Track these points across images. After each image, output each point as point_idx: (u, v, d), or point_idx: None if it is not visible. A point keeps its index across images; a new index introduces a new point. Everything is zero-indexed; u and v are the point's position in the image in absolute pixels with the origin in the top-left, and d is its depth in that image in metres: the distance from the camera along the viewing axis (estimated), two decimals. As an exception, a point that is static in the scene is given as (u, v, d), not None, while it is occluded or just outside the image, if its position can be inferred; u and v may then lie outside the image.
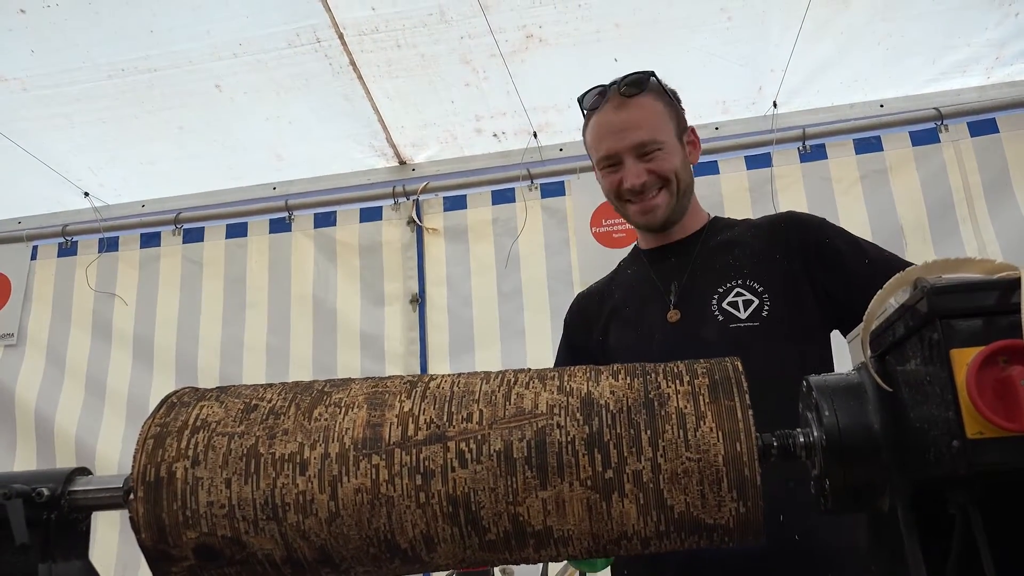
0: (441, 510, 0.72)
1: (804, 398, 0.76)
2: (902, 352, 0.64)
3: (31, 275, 3.44)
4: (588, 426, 0.72)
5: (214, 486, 0.74)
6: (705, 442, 0.70)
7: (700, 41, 2.75)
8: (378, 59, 2.82)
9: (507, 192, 3.19)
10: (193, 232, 3.40)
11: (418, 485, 0.72)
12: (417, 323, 3.12)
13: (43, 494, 0.83)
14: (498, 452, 0.72)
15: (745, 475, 0.69)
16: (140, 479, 0.76)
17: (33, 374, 3.29)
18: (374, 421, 0.75)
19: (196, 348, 3.25)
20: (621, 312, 1.58)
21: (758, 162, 2.98)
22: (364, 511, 0.72)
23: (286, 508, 0.73)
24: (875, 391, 0.69)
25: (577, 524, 0.71)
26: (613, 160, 1.51)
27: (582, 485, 0.71)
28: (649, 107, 1.50)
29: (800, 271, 1.43)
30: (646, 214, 1.52)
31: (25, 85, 2.85)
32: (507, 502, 0.71)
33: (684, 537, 0.72)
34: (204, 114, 3.03)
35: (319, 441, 0.75)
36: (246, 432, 0.76)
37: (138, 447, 0.78)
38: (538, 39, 2.75)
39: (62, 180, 3.33)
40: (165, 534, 0.74)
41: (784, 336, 1.38)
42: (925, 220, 2.80)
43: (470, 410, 0.75)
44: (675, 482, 0.70)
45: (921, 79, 2.94)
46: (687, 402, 0.73)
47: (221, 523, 0.73)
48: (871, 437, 0.68)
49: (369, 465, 0.73)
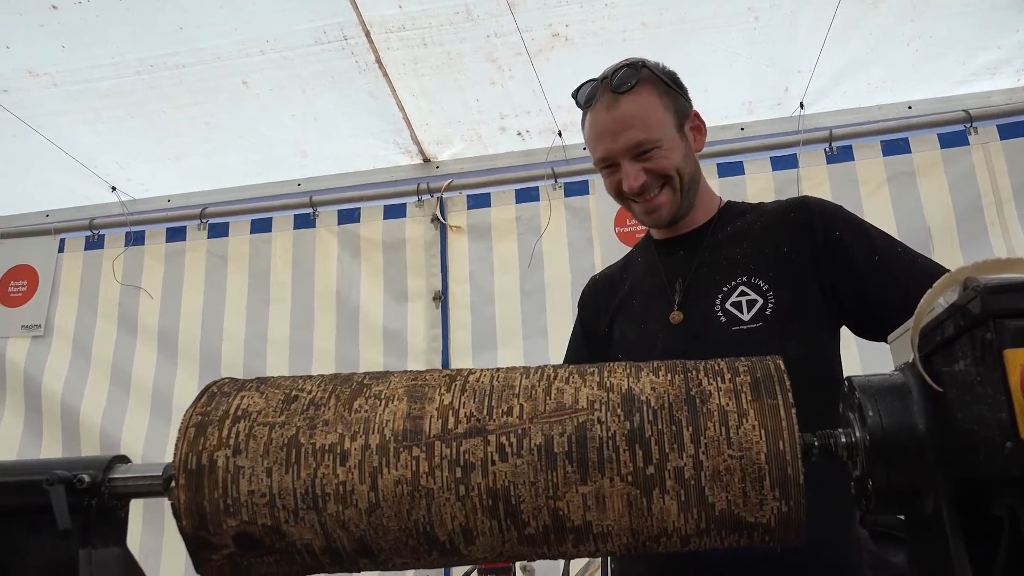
0: (481, 503, 0.72)
1: (846, 398, 0.76)
2: (950, 352, 0.64)
3: (59, 268, 3.49)
4: (629, 422, 0.72)
5: (255, 475, 0.74)
6: (747, 440, 0.70)
7: (727, 41, 2.74)
8: (404, 57, 2.83)
9: (531, 191, 3.19)
10: (218, 227, 3.44)
11: (458, 478, 0.72)
12: (439, 320, 3.13)
13: (84, 481, 0.84)
14: (539, 446, 0.72)
15: (788, 473, 0.69)
16: (182, 467, 0.76)
17: (60, 365, 3.34)
18: (414, 414, 0.76)
19: (220, 342, 3.28)
20: (627, 305, 1.55)
21: (784, 163, 2.97)
22: (404, 503, 0.72)
23: (326, 498, 0.73)
24: (920, 391, 0.68)
25: (617, 520, 0.71)
26: (610, 162, 1.44)
27: (623, 481, 0.70)
28: (643, 102, 1.40)
29: (807, 265, 1.36)
30: (650, 214, 1.46)
31: (55, 80, 2.89)
32: (547, 496, 0.71)
33: (724, 535, 0.71)
34: (231, 110, 3.06)
35: (359, 432, 0.75)
36: (287, 422, 0.77)
37: (180, 435, 0.78)
38: (564, 38, 2.75)
39: (90, 174, 3.37)
40: (206, 521, 0.75)
41: (788, 335, 1.31)
42: (953, 223, 2.78)
43: (510, 404, 0.75)
44: (717, 479, 0.69)
45: (950, 81, 2.91)
46: (729, 399, 0.72)
47: (262, 512, 0.74)
48: (916, 437, 0.68)
49: (409, 457, 0.73)
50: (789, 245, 1.38)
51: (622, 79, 1.41)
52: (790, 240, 1.39)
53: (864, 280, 1.32)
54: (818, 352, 1.36)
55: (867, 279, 1.32)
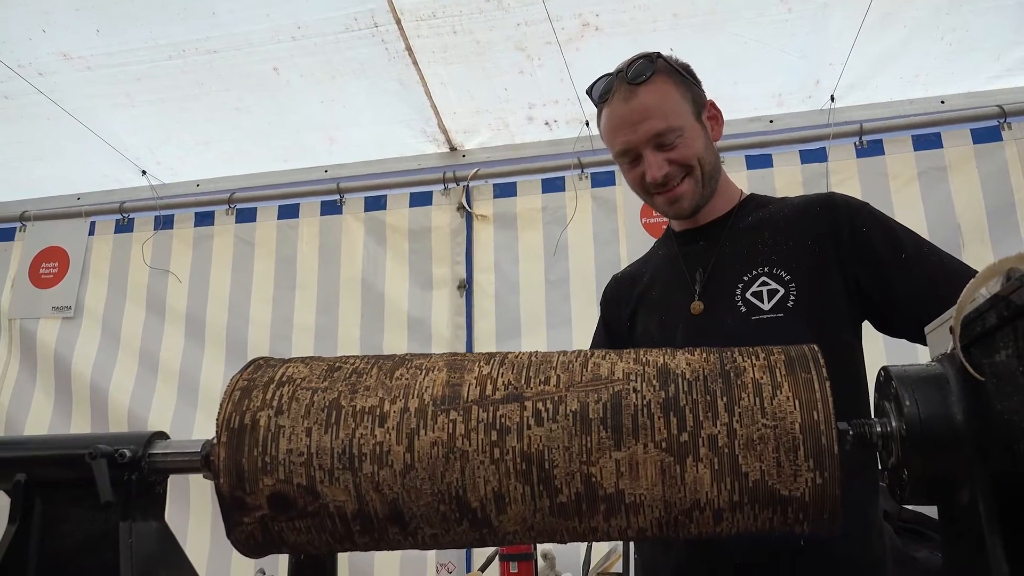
0: (515, 467, 0.73)
1: (881, 388, 0.76)
2: (991, 343, 0.64)
3: (89, 250, 3.54)
4: (664, 391, 0.73)
5: (295, 434, 0.76)
6: (782, 410, 0.70)
7: (758, 33, 2.72)
8: (434, 44, 2.83)
9: (557, 180, 3.19)
10: (246, 212, 3.47)
11: (493, 440, 0.73)
12: (464, 308, 3.14)
13: (125, 455, 0.86)
14: (574, 412, 0.73)
15: (823, 444, 0.69)
16: (224, 425, 0.78)
17: (89, 346, 3.38)
18: (454, 381, 0.77)
19: (246, 326, 3.31)
20: (648, 297, 1.54)
21: (813, 156, 2.94)
22: (439, 464, 0.73)
23: (362, 458, 0.74)
24: (959, 382, 0.68)
25: (650, 488, 0.72)
26: (631, 154, 1.43)
27: (657, 447, 0.71)
28: (661, 92, 1.40)
29: (831, 259, 1.34)
30: (673, 204, 1.44)
31: (89, 64, 2.92)
32: (580, 461, 0.72)
33: (758, 511, 0.71)
34: (261, 96, 3.08)
35: (399, 397, 0.77)
36: (329, 387, 0.79)
37: (225, 397, 0.80)
38: (594, 27, 2.74)
39: (121, 158, 3.41)
40: (243, 480, 0.76)
41: (809, 327, 1.30)
42: (984, 220, 2.74)
43: (547, 375, 0.77)
44: (751, 448, 0.70)
45: (984, 76, 2.87)
46: (763, 374, 0.73)
47: (298, 471, 0.75)
48: (953, 428, 0.67)
49: (446, 420, 0.74)
50: (813, 238, 1.37)
51: (638, 70, 1.40)
52: (815, 233, 1.38)
53: (888, 277, 1.32)
54: (840, 346, 1.34)
55: (892, 277, 1.31)
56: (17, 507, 0.86)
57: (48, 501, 0.88)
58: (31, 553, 0.86)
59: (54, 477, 0.88)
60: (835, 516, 0.71)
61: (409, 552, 2.85)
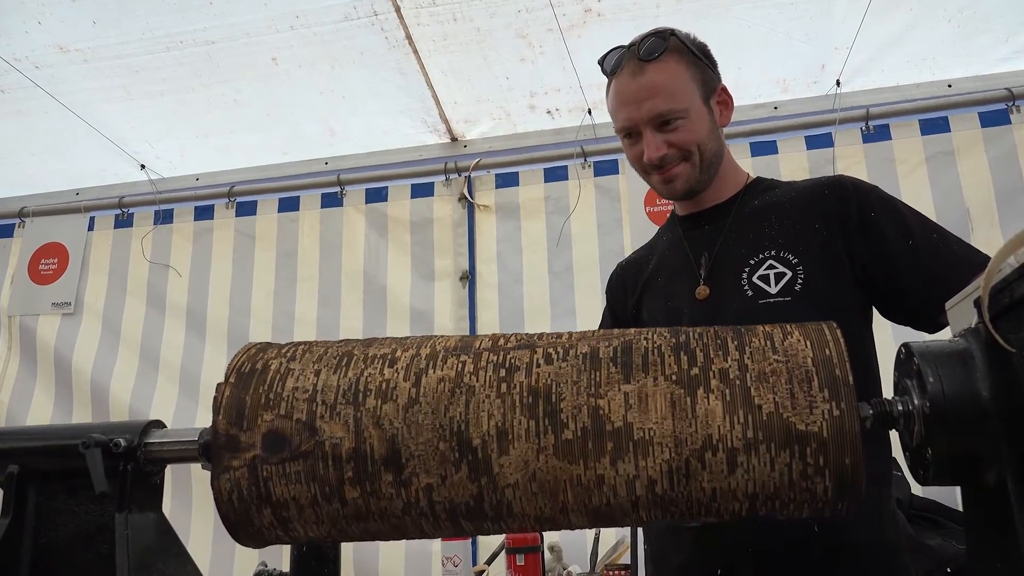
0: (520, 400, 0.72)
1: (902, 366, 0.73)
2: (1019, 315, 0.61)
3: (88, 245, 3.52)
4: (675, 339, 0.75)
5: (303, 374, 0.77)
6: (793, 349, 0.71)
7: (763, 17, 2.68)
8: (434, 33, 2.80)
9: (560, 170, 3.16)
10: (246, 206, 3.44)
11: (501, 376, 0.74)
12: (467, 299, 3.12)
13: (120, 444, 0.83)
14: (584, 353, 0.74)
15: (836, 375, 0.68)
16: (235, 369, 0.78)
17: (89, 342, 3.36)
18: (466, 340, 0.79)
19: (248, 320, 3.29)
20: (653, 283, 1.52)
21: (819, 142, 2.91)
22: (443, 398, 0.73)
23: (367, 393, 0.75)
24: (985, 356, 0.65)
25: (659, 422, 0.69)
26: (631, 131, 1.41)
27: (667, 380, 0.71)
28: (670, 71, 1.38)
29: (839, 242, 1.33)
30: (667, 184, 1.43)
31: (86, 56, 2.89)
32: (588, 394, 0.71)
33: (774, 453, 0.67)
34: (259, 87, 3.05)
35: (411, 348, 0.79)
36: (344, 345, 0.81)
37: (240, 352, 0.81)
38: (596, 13, 2.70)
39: (119, 152, 3.38)
40: (242, 416, 0.75)
41: (818, 312, 1.23)
42: (993, 204, 2.71)
43: (560, 334, 0.79)
44: (763, 380, 0.69)
45: (992, 58, 2.84)
46: (774, 328, 0.75)
47: (300, 406, 0.75)
48: (979, 405, 0.65)
49: (456, 361, 0.76)
50: (821, 221, 1.35)
51: (650, 48, 1.38)
52: (823, 216, 1.35)
53: (896, 262, 1.30)
54: (849, 330, 1.32)
55: (899, 261, 1.29)
56: (10, 499, 0.84)
57: (42, 493, 0.86)
58: (25, 546, 0.84)
59: (48, 468, 0.86)
60: (857, 463, 0.67)
61: (414, 547, 2.83)
